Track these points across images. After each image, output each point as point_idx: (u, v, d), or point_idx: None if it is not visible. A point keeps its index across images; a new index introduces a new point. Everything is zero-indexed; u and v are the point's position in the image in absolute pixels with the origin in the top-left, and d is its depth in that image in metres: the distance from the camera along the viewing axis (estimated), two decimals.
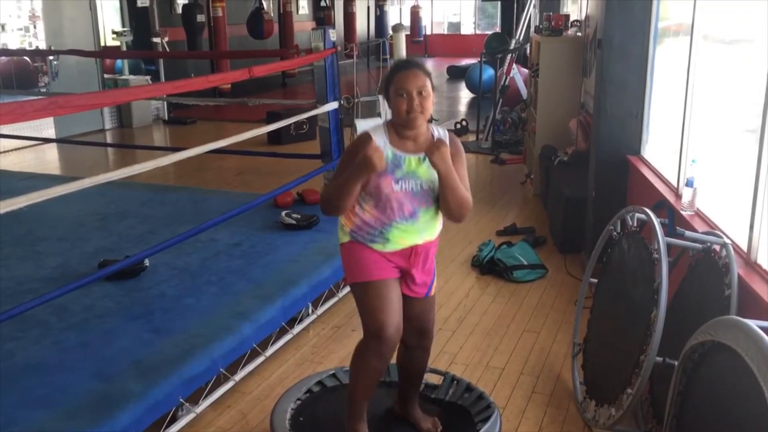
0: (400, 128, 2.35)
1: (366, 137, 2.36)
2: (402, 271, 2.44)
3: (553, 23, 6.35)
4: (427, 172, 2.35)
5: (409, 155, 2.35)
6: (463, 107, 12.08)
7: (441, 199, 2.36)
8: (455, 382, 2.96)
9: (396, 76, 2.31)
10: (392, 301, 2.38)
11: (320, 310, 3.95)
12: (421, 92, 2.29)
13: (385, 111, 2.41)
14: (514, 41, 9.61)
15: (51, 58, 9.20)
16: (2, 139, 7.54)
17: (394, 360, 2.61)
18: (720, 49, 3.57)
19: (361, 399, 2.47)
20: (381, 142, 2.34)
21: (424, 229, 2.41)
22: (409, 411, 2.73)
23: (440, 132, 2.43)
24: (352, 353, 2.50)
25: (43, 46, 9.28)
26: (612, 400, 2.74)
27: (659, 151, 4.21)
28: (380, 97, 3.96)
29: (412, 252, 2.42)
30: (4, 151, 8.29)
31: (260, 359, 3.39)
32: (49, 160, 8.46)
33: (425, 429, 2.70)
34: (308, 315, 3.85)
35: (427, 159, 2.32)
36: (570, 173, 5.33)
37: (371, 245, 2.39)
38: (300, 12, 16.12)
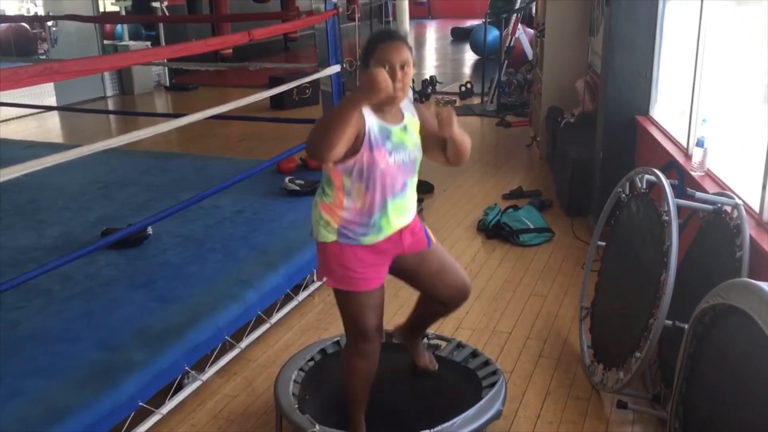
0: (377, 103, 2.21)
1: None
2: (392, 258, 2.38)
3: None
4: (410, 141, 2.28)
5: (393, 126, 2.26)
6: (467, 69, 11.92)
7: (457, 155, 2.31)
8: (461, 347, 2.93)
9: (379, 47, 2.17)
10: (377, 307, 2.34)
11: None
12: (404, 67, 2.16)
13: None
14: (519, 0, 9.43)
15: (50, 24, 9.08)
16: (3, 108, 7.48)
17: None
18: (731, 7, 3.47)
19: (359, 407, 2.44)
20: (366, 111, 2.21)
21: (410, 202, 2.35)
22: (412, 342, 2.73)
23: (406, 105, 2.32)
24: None
25: (41, 12, 9.15)
26: (620, 364, 2.72)
27: (668, 111, 4.13)
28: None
29: (402, 234, 2.35)
30: (6, 120, 8.23)
31: (265, 326, 3.38)
32: (50, 128, 8.40)
33: (422, 363, 2.72)
34: (313, 281, 3.83)
35: (407, 128, 2.27)
36: (577, 135, 5.25)
37: (363, 240, 2.27)
38: None
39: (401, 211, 2.31)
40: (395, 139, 2.24)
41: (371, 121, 2.20)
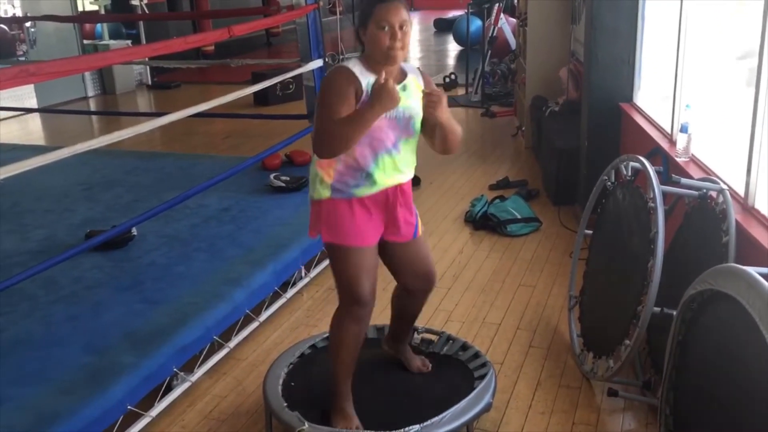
0: (374, 63, 2.27)
1: (343, 70, 2.26)
2: (385, 221, 2.40)
3: None
4: (407, 101, 2.30)
5: None
6: (451, 60, 11.90)
7: (443, 139, 2.35)
8: (450, 341, 2.93)
9: (377, 7, 2.20)
10: (371, 268, 2.36)
11: (313, 273, 3.90)
12: (403, 27, 2.21)
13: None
14: None
15: (28, 25, 8.97)
16: None
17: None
18: None
19: (345, 374, 2.43)
20: (359, 72, 2.26)
21: (405, 162, 2.38)
22: (400, 349, 2.76)
23: (410, 67, 2.40)
24: None
25: (19, 13, 9.03)
26: (610, 352, 2.72)
27: (652, 97, 4.13)
28: None
29: (396, 190, 2.38)
30: None
31: (254, 325, 3.36)
32: (32, 130, 8.31)
33: (415, 367, 2.74)
34: (301, 278, 3.81)
35: (406, 88, 2.31)
36: (562, 124, 5.25)
37: (356, 192, 2.31)
38: None
39: (393, 169, 2.34)
40: None
41: (367, 79, 2.25)
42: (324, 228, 2.37)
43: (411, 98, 2.32)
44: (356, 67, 2.27)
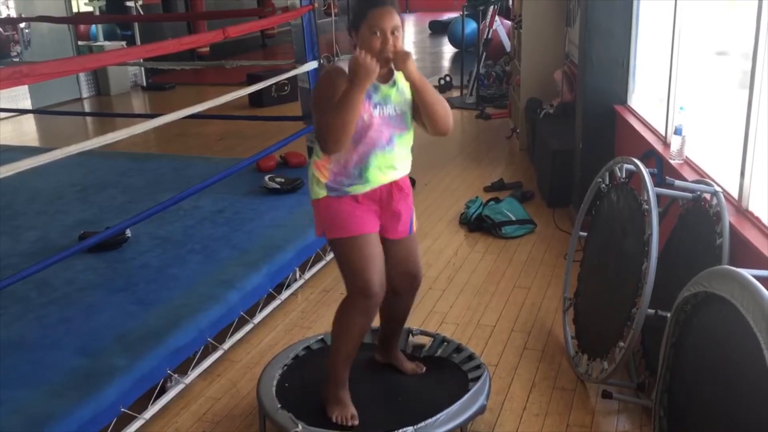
0: None
1: (338, 69, 2.29)
2: (381, 216, 2.42)
3: None
4: (398, 97, 2.35)
5: (379, 82, 2.32)
6: (446, 62, 11.92)
7: (426, 109, 2.32)
8: (445, 343, 2.92)
9: (371, 12, 2.24)
10: (376, 256, 2.36)
11: (308, 275, 3.90)
12: (395, 32, 2.24)
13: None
14: None
15: (22, 26, 8.95)
16: None
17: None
18: None
19: (345, 362, 2.44)
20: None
21: (400, 158, 2.40)
22: (392, 353, 2.75)
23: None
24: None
25: (13, 14, 9.01)
26: (604, 354, 2.72)
27: (646, 99, 4.14)
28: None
29: (392, 186, 2.41)
30: None
31: (248, 327, 3.35)
32: (26, 131, 8.29)
33: (409, 370, 2.73)
34: (296, 280, 3.81)
35: (396, 83, 2.34)
36: (556, 126, 5.26)
37: (350, 191, 2.35)
38: None
39: (387, 166, 2.37)
40: (382, 94, 2.32)
41: None
42: (325, 226, 2.42)
43: (402, 93, 2.36)
44: (348, 67, 2.29)
